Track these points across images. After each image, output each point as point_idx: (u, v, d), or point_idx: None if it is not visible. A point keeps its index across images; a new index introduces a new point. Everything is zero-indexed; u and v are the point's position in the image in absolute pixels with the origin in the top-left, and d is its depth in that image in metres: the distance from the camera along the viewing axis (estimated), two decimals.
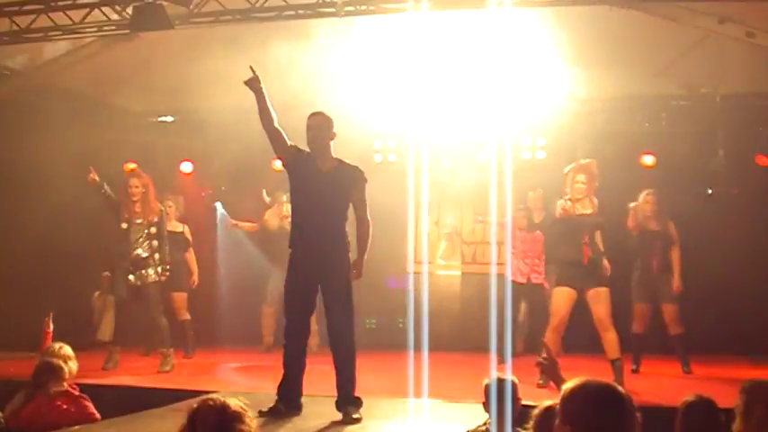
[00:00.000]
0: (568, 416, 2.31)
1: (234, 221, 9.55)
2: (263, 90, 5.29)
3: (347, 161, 5.49)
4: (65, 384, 4.82)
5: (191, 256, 8.98)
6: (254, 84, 5.26)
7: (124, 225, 7.50)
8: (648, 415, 3.33)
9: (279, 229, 8.62)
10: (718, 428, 3.60)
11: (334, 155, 5.44)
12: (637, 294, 7.74)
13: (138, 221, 7.50)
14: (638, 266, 7.78)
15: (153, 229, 7.52)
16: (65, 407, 4.70)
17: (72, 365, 5.19)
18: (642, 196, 7.81)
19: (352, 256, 5.38)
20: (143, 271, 7.47)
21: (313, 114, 5.47)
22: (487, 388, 4.05)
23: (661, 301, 7.69)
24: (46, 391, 4.72)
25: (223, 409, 2.52)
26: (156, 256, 7.52)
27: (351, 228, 5.44)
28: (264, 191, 9.26)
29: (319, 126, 5.37)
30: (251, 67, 5.28)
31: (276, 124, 5.36)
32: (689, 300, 7.83)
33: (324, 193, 5.30)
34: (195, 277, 8.97)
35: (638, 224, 7.73)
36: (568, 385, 2.36)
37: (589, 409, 2.28)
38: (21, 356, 7.27)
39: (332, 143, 5.44)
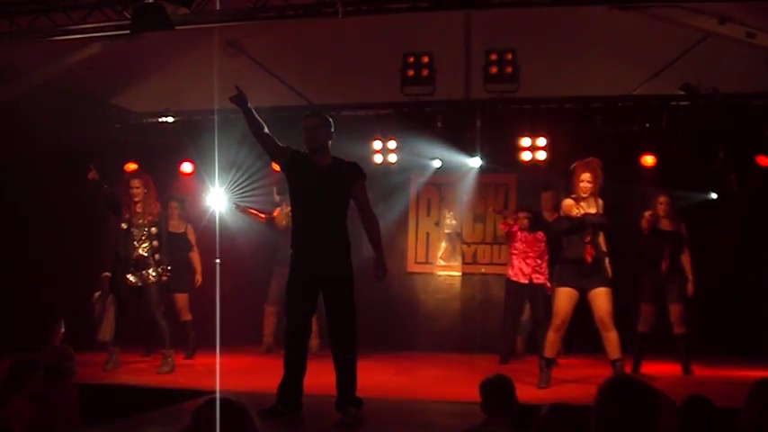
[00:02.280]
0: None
1: (243, 206, 9.43)
2: (249, 104, 5.31)
3: (345, 159, 5.50)
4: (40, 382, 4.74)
5: (195, 255, 8.94)
6: (240, 100, 5.27)
7: (124, 225, 7.50)
8: None
9: (286, 229, 8.58)
10: (717, 429, 3.60)
11: (332, 154, 5.45)
12: (644, 294, 7.73)
13: (139, 222, 7.50)
14: (647, 266, 7.76)
15: (153, 230, 7.52)
16: (39, 407, 4.62)
17: (72, 366, 5.19)
18: (657, 197, 7.80)
19: (356, 257, 5.39)
20: (143, 271, 7.47)
21: (309, 114, 5.50)
22: (483, 388, 4.05)
23: (668, 301, 7.69)
24: (23, 390, 4.66)
25: (228, 408, 2.53)
26: (156, 256, 7.52)
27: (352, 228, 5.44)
28: (275, 189, 9.24)
29: (316, 126, 5.37)
30: (236, 86, 5.30)
31: (266, 131, 5.37)
32: (688, 300, 7.82)
33: (322, 191, 5.30)
34: (199, 276, 8.92)
35: (651, 224, 7.71)
36: None
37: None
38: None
39: (330, 143, 5.44)
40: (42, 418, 4.65)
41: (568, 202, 6.71)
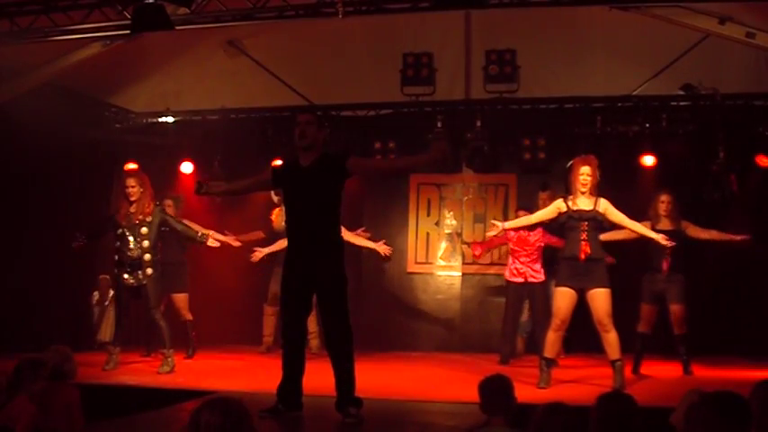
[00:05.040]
0: None
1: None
2: (221, 189, 5.90)
3: (335, 152, 5.50)
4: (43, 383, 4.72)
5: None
6: (206, 191, 5.69)
7: (120, 231, 7.45)
8: (648, 415, 3.34)
9: (284, 230, 8.49)
10: None
11: (323, 151, 5.38)
12: (644, 295, 7.73)
13: (134, 222, 7.44)
14: (648, 266, 7.76)
15: (143, 230, 7.43)
16: (40, 408, 4.60)
17: (71, 367, 5.18)
18: (658, 196, 7.80)
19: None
20: (138, 271, 7.43)
21: (302, 111, 5.52)
22: (482, 388, 4.04)
23: (669, 302, 7.68)
24: (26, 390, 4.65)
25: (226, 409, 2.53)
26: (147, 256, 7.42)
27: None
28: (273, 190, 9.22)
29: (308, 122, 5.34)
30: (198, 183, 5.71)
31: (241, 183, 5.89)
32: (689, 300, 7.81)
33: (305, 190, 5.27)
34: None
35: (652, 224, 7.71)
36: None
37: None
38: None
39: (322, 142, 5.40)
40: (43, 418, 4.65)
41: (561, 201, 6.74)
